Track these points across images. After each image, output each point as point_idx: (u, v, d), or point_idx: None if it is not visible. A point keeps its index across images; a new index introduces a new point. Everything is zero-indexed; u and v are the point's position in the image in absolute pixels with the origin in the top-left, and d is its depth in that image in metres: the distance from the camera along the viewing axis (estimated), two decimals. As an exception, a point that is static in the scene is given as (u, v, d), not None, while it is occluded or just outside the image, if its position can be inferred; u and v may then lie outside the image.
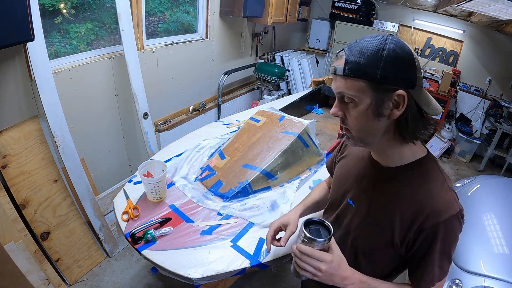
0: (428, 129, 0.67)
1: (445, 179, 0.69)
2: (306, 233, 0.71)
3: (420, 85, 0.63)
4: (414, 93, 0.62)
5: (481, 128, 4.09)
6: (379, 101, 0.62)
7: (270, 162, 1.49)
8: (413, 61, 0.61)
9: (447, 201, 0.66)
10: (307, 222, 0.75)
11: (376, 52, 0.60)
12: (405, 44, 0.61)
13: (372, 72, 0.60)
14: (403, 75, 0.60)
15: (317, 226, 0.76)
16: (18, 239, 1.48)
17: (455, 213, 0.65)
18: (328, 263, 0.68)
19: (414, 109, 0.63)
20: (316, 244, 0.70)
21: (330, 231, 0.73)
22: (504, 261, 1.45)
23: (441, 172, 0.70)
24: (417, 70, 0.62)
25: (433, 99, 0.67)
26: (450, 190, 0.68)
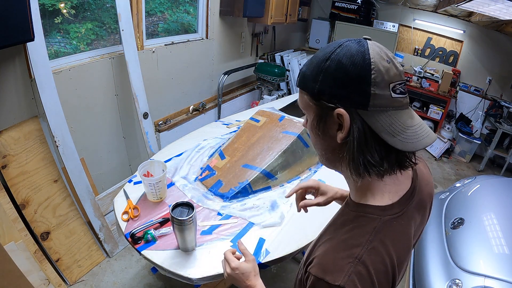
0: (386, 165, 0.51)
1: (363, 249, 0.51)
2: (170, 213, 0.99)
3: (383, 105, 0.49)
4: (367, 115, 0.49)
5: (481, 128, 4.09)
6: (322, 117, 0.54)
7: (270, 162, 1.49)
8: (364, 75, 0.48)
9: (329, 264, 0.52)
10: (175, 205, 1.03)
11: (320, 63, 0.52)
12: (364, 52, 0.49)
13: (311, 86, 0.53)
14: (345, 91, 0.49)
15: (183, 208, 1.04)
16: (18, 239, 1.48)
17: (326, 282, 0.50)
18: (231, 268, 0.78)
19: (360, 135, 0.50)
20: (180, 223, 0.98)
21: (194, 210, 1.02)
22: (504, 261, 1.45)
23: (369, 239, 0.52)
24: (375, 85, 0.48)
25: (418, 126, 0.51)
26: (351, 262, 0.50)
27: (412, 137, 0.50)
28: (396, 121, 0.50)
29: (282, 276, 2.00)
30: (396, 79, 0.49)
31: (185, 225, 1.00)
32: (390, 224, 0.54)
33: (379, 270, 0.50)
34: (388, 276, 0.52)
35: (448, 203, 2.00)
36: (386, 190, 0.56)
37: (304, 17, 4.44)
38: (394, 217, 0.54)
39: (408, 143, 0.49)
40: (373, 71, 0.48)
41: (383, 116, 0.49)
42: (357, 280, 0.49)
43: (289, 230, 1.24)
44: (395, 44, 3.95)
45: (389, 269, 0.52)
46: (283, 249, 1.15)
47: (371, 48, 0.50)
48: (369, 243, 0.51)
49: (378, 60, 0.49)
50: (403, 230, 0.56)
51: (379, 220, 0.53)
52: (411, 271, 1.74)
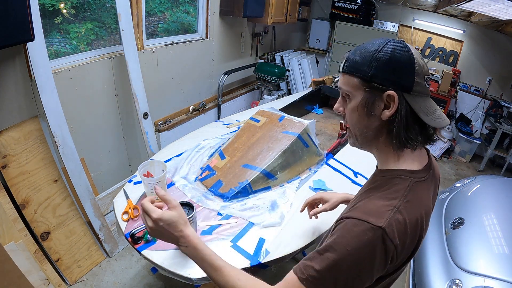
0: (420, 139, 0.64)
1: (400, 201, 0.60)
2: None
3: (420, 91, 0.62)
4: (410, 98, 0.61)
5: (481, 128, 4.10)
6: (370, 99, 0.63)
7: (270, 162, 1.49)
8: (410, 66, 0.60)
9: (372, 210, 0.59)
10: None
11: (373, 53, 0.62)
12: (408, 49, 0.61)
13: (364, 70, 0.62)
14: (396, 77, 0.61)
15: (183, 208, 0.87)
16: (18, 239, 1.48)
17: (368, 223, 0.56)
18: (153, 221, 0.68)
19: (406, 114, 0.61)
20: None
21: (194, 209, 0.99)
22: (504, 261, 1.45)
23: (404, 194, 0.61)
24: (417, 75, 0.61)
25: (439, 111, 0.65)
26: (391, 209, 0.58)
27: (439, 117, 0.64)
28: (428, 104, 0.64)
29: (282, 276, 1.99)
30: (427, 73, 0.63)
31: None
32: (418, 185, 0.64)
33: (412, 221, 0.59)
34: (417, 229, 0.61)
35: (448, 203, 2.00)
36: (414, 159, 0.67)
37: (304, 17, 4.44)
38: (421, 180, 0.65)
39: (437, 121, 0.63)
40: (416, 65, 0.61)
41: (420, 100, 0.62)
42: (395, 225, 0.56)
43: (289, 230, 1.23)
44: (395, 44, 3.95)
45: (419, 223, 0.61)
46: (283, 249, 1.14)
47: (411, 48, 0.63)
48: (404, 197, 0.61)
49: (418, 57, 0.62)
50: (428, 193, 0.66)
51: (410, 180, 0.63)
52: (411, 271, 1.74)
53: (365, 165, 1.74)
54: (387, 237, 0.55)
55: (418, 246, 0.65)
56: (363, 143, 0.70)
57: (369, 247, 0.55)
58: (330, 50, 4.60)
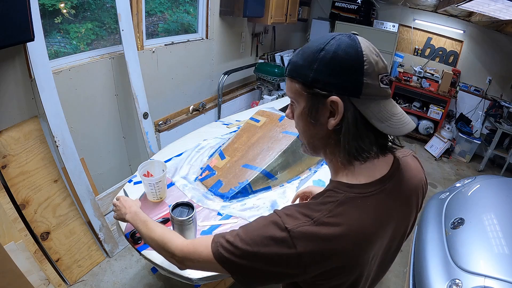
0: (375, 149, 0.55)
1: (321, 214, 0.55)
2: (170, 213, 1.00)
3: (372, 94, 0.53)
4: (359, 103, 0.53)
5: (481, 128, 4.09)
6: (313, 106, 0.56)
7: (270, 162, 1.49)
8: (358, 65, 0.52)
9: (293, 212, 0.57)
10: (175, 205, 1.04)
11: (314, 53, 0.54)
12: (356, 45, 0.52)
13: (305, 74, 0.55)
14: (340, 80, 0.53)
15: (183, 208, 1.04)
16: (18, 239, 1.48)
17: (281, 220, 0.55)
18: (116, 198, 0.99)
19: (355, 121, 0.53)
20: (180, 223, 0.99)
21: (194, 209, 1.02)
22: (504, 261, 1.45)
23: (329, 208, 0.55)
24: (367, 75, 0.52)
25: (400, 115, 0.55)
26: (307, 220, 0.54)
27: (397, 123, 0.54)
28: (384, 108, 0.54)
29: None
30: (383, 71, 0.53)
31: (185, 225, 1.00)
32: (354, 201, 0.56)
33: (329, 239, 0.53)
34: (341, 249, 0.54)
35: (448, 203, 2.00)
36: (359, 172, 0.58)
37: (304, 17, 4.44)
38: (359, 196, 0.56)
39: (394, 128, 0.54)
40: (366, 63, 0.52)
41: (373, 104, 0.53)
42: (304, 235, 0.53)
43: (289, 230, 1.23)
44: (395, 44, 3.96)
45: (346, 242, 0.54)
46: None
47: (361, 42, 0.53)
48: (328, 211, 0.55)
49: (369, 53, 0.52)
50: (368, 211, 0.56)
51: (344, 195, 0.56)
52: (411, 271, 1.74)
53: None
54: (290, 241, 0.53)
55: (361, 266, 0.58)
56: (313, 152, 0.65)
57: (270, 241, 0.55)
58: (330, 50, 4.60)
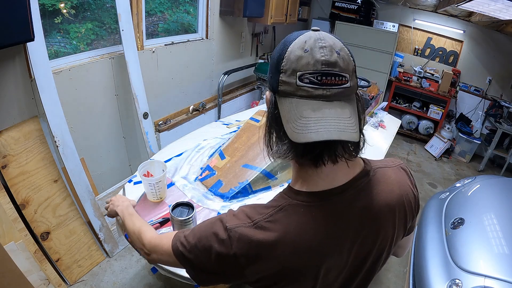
0: (283, 147, 0.52)
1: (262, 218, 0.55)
2: (171, 213, 1.02)
3: (287, 92, 0.49)
4: (279, 101, 0.51)
5: (481, 128, 4.10)
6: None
7: (270, 162, 1.49)
8: (278, 63, 0.50)
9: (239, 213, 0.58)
10: (175, 205, 1.05)
11: None
12: (286, 41, 0.51)
13: None
14: (269, 76, 0.53)
15: (183, 208, 1.06)
16: (18, 239, 1.48)
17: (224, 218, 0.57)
18: (111, 198, 1.04)
19: (275, 119, 0.52)
20: (180, 223, 1.01)
21: (194, 209, 1.04)
22: (504, 261, 1.45)
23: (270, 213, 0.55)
24: (283, 73, 0.49)
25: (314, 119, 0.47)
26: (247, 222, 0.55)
27: (300, 128, 0.47)
28: (294, 109, 0.48)
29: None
30: (305, 68, 0.48)
31: (185, 225, 1.00)
32: (296, 209, 0.54)
33: (263, 243, 0.52)
34: (277, 255, 0.53)
35: (448, 203, 2.00)
36: (311, 179, 0.55)
37: (304, 17, 4.44)
38: (303, 204, 0.55)
39: (294, 133, 0.47)
40: (284, 60, 0.49)
41: (286, 102, 0.50)
42: (240, 236, 0.53)
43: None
44: (395, 44, 3.96)
45: (278, 251, 0.52)
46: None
47: (299, 38, 0.50)
48: (268, 216, 0.54)
49: (295, 49, 0.49)
50: (310, 221, 0.54)
51: (287, 201, 0.55)
52: (411, 271, 1.74)
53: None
54: (228, 240, 0.54)
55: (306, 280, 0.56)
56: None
57: (213, 237, 0.56)
58: (330, 50, 4.60)
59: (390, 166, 0.65)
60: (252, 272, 0.55)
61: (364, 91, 2.77)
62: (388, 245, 0.63)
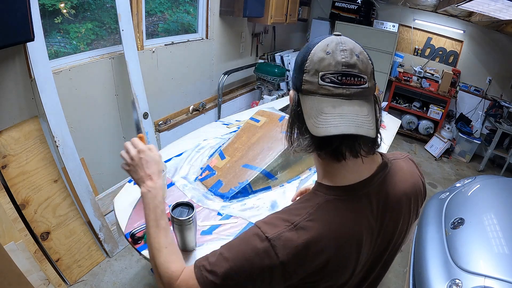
0: (304, 141, 0.55)
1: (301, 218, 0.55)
2: (170, 213, 0.95)
3: (310, 91, 0.54)
4: (302, 98, 0.55)
5: (481, 128, 4.10)
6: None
7: (270, 162, 1.49)
8: (302, 64, 0.55)
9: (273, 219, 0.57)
10: (175, 205, 1.00)
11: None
12: (310, 44, 0.56)
13: None
14: (294, 76, 0.58)
15: (183, 208, 1.00)
16: (18, 239, 1.48)
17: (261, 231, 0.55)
18: (138, 151, 0.73)
19: (298, 115, 0.56)
20: (180, 223, 0.96)
21: (194, 209, 0.98)
22: (504, 261, 1.45)
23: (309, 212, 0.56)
24: (307, 73, 0.54)
25: (332, 115, 0.51)
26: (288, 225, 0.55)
27: (321, 123, 0.51)
28: (316, 106, 0.53)
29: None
30: (327, 69, 0.52)
31: (185, 225, 1.00)
32: (334, 204, 0.57)
33: (311, 242, 0.53)
34: (320, 254, 0.54)
35: (448, 203, 2.00)
36: (338, 174, 0.59)
37: (304, 17, 4.44)
38: (338, 199, 0.57)
39: (314, 127, 0.51)
40: (308, 61, 0.54)
41: (309, 100, 0.54)
42: (285, 241, 0.53)
43: (289, 230, 1.24)
44: (395, 44, 3.96)
45: (323, 247, 0.54)
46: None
47: (322, 42, 0.55)
48: (308, 215, 0.55)
49: (317, 51, 0.54)
50: (347, 214, 0.57)
51: (323, 198, 0.57)
52: (411, 271, 1.74)
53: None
54: (272, 250, 0.53)
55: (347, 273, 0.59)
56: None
57: (252, 254, 0.54)
58: (330, 50, 4.60)
59: (400, 158, 0.70)
60: (298, 274, 0.55)
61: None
62: (404, 231, 0.67)
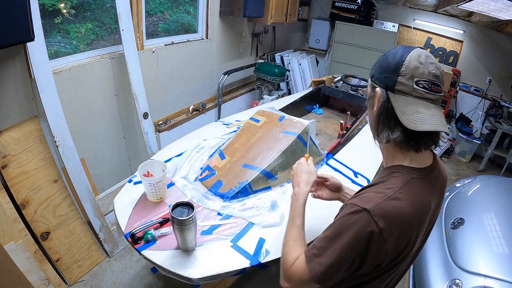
0: (393, 134, 0.67)
1: (393, 191, 0.65)
2: (170, 213, 0.98)
3: (404, 91, 0.65)
4: (393, 96, 0.66)
5: (481, 128, 4.09)
6: (370, 94, 0.73)
7: (270, 162, 1.49)
8: (397, 67, 0.65)
9: (365, 197, 0.67)
10: (175, 205, 1.02)
11: (380, 57, 0.72)
12: (403, 54, 0.66)
13: (371, 71, 0.73)
14: (383, 76, 0.67)
15: (183, 208, 1.03)
16: (18, 239, 1.48)
17: (357, 206, 0.64)
18: (297, 164, 0.94)
19: (386, 110, 0.67)
20: (180, 223, 0.97)
21: (194, 209, 1.00)
22: (504, 261, 1.45)
23: (399, 186, 0.66)
24: (402, 76, 0.64)
25: (425, 115, 0.63)
26: (382, 196, 0.64)
27: (417, 120, 0.63)
28: (410, 105, 0.64)
29: (282, 276, 1.99)
30: (421, 76, 0.64)
31: (185, 225, 1.00)
32: (415, 182, 0.68)
33: (403, 212, 0.63)
34: (411, 222, 0.65)
35: (448, 203, 2.00)
36: (415, 159, 0.70)
37: (304, 17, 4.44)
38: (418, 178, 0.68)
39: (410, 122, 0.63)
40: (404, 66, 0.64)
41: (402, 99, 0.65)
42: (381, 209, 0.62)
43: (289, 230, 1.23)
44: (395, 44, 3.95)
45: (412, 216, 0.65)
46: (283, 249, 1.15)
47: (413, 52, 0.66)
48: (398, 189, 0.65)
49: (412, 60, 0.64)
50: (426, 191, 0.69)
51: (408, 175, 0.68)
52: (411, 271, 1.74)
53: (365, 165, 1.74)
54: (371, 219, 0.61)
55: (414, 243, 0.68)
56: (374, 137, 0.76)
57: (355, 227, 0.62)
58: (330, 50, 4.60)
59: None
60: (392, 245, 0.63)
61: (364, 91, 2.77)
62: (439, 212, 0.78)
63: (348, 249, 0.63)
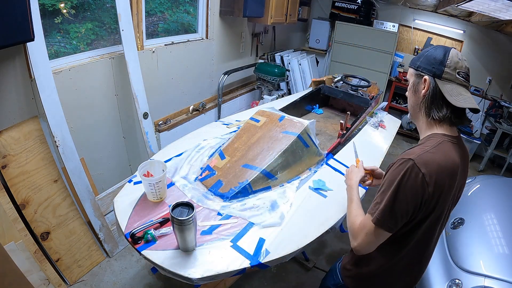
0: (442, 112, 0.87)
1: (430, 147, 0.84)
2: (170, 213, 1.00)
3: (449, 79, 0.85)
4: (440, 82, 0.86)
5: (481, 128, 4.09)
6: (415, 82, 0.92)
7: (270, 162, 1.49)
8: (443, 61, 0.85)
9: (409, 152, 0.85)
10: (175, 205, 1.04)
11: (424, 52, 0.91)
12: (446, 51, 0.86)
13: (415, 63, 0.92)
14: (431, 67, 0.87)
15: (183, 208, 1.04)
16: (18, 239, 1.48)
17: (403, 158, 0.83)
18: (349, 167, 1.21)
19: (435, 93, 0.87)
20: (180, 223, 0.98)
21: (194, 209, 1.02)
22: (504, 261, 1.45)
23: (434, 145, 0.85)
24: (448, 67, 0.85)
25: (466, 96, 0.85)
26: (422, 150, 0.83)
27: (462, 100, 0.84)
28: (455, 89, 0.86)
29: (282, 276, 2.00)
30: (460, 69, 0.85)
31: (185, 225, 1.00)
32: (447, 143, 0.87)
33: (440, 162, 0.82)
34: (444, 171, 0.83)
35: (448, 203, 1.99)
36: (447, 129, 0.90)
37: (304, 17, 4.44)
38: (451, 141, 0.88)
39: (459, 101, 0.84)
40: (448, 60, 0.86)
41: (449, 84, 0.86)
42: (423, 159, 0.81)
43: (289, 230, 1.23)
44: (395, 44, 3.96)
45: (446, 168, 0.83)
46: (283, 249, 1.14)
47: (452, 50, 0.87)
48: (433, 146, 0.85)
49: (453, 56, 0.86)
50: (455, 153, 0.87)
51: (442, 139, 0.87)
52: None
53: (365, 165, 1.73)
54: (415, 166, 0.80)
55: (446, 194, 0.85)
56: (412, 114, 0.97)
57: (403, 173, 0.80)
58: (330, 50, 4.60)
59: None
60: (432, 189, 0.81)
61: (364, 91, 2.77)
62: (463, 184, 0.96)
63: (400, 191, 0.80)
